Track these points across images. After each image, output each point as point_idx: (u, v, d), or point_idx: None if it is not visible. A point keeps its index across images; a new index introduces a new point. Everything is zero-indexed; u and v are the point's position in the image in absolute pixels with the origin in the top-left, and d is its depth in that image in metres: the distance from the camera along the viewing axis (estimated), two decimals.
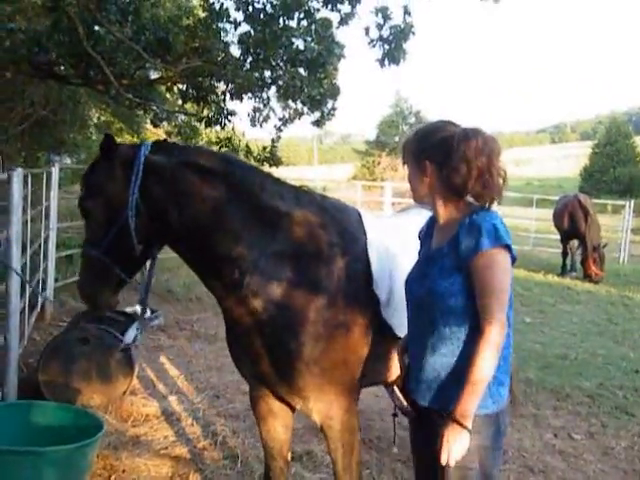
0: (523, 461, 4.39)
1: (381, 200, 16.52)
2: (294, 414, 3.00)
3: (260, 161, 10.79)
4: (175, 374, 5.72)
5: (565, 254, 13.96)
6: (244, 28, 9.35)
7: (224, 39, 9.55)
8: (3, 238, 4.24)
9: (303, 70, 9.79)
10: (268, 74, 9.91)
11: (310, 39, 9.55)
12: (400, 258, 2.85)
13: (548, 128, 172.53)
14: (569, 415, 5.34)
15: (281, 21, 9.07)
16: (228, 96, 10.30)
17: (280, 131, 11.22)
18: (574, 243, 13.81)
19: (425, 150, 2.27)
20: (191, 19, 10.06)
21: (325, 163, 76.27)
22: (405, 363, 2.49)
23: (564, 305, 10.49)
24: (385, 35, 8.47)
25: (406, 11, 8.37)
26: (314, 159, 65.00)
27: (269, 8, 8.94)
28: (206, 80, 10.13)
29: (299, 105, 10.65)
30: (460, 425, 2.09)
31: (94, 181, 2.68)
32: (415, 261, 2.46)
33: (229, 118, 10.80)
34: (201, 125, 12.18)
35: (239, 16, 9.27)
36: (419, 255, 2.48)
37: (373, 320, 2.74)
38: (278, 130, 11.19)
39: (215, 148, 10.69)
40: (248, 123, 11.13)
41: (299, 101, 10.40)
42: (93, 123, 18.55)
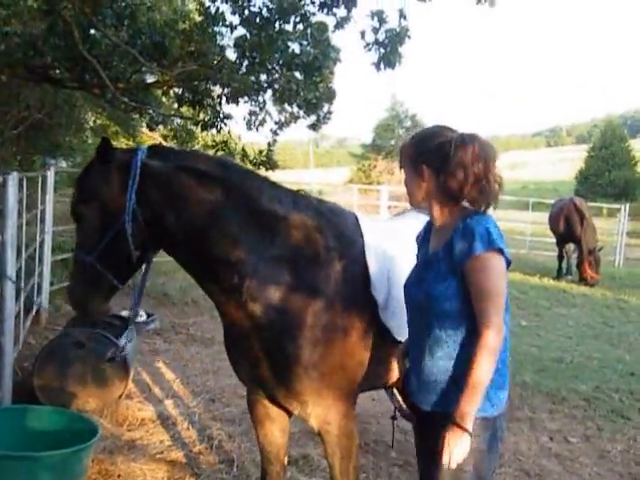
0: (519, 464, 4.40)
1: (377, 204, 16.51)
2: (291, 418, 2.99)
3: (256, 165, 10.78)
4: (171, 378, 5.71)
5: (561, 257, 13.99)
6: (240, 32, 9.36)
7: (220, 43, 9.54)
8: None
9: (299, 74, 9.79)
10: (264, 78, 9.91)
11: (306, 43, 9.55)
12: (398, 261, 2.85)
13: (544, 131, 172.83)
14: (565, 418, 5.34)
15: (277, 25, 9.06)
16: (224, 100, 10.29)
17: (276, 135, 11.24)
18: (570, 246, 13.84)
19: (422, 155, 2.29)
20: (187, 23, 10.04)
21: (321, 167, 76.24)
22: (405, 366, 2.50)
23: (560, 308, 10.51)
24: (381, 39, 8.47)
25: (402, 15, 8.37)
26: (310, 163, 64.96)
27: (265, 12, 8.94)
28: (202, 84, 10.13)
29: (295, 109, 10.67)
30: (460, 428, 2.10)
31: (89, 185, 2.64)
32: (414, 265, 2.48)
33: (225, 122, 10.81)
34: (197, 129, 12.18)
35: (235, 20, 9.29)
36: (417, 259, 2.49)
37: (372, 324, 2.74)
38: (274, 134, 11.20)
39: (211, 152, 10.70)
40: (244, 127, 11.16)
41: (295, 105, 10.41)
42: (89, 127, 18.51)
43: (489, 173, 2.20)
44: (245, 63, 9.47)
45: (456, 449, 2.11)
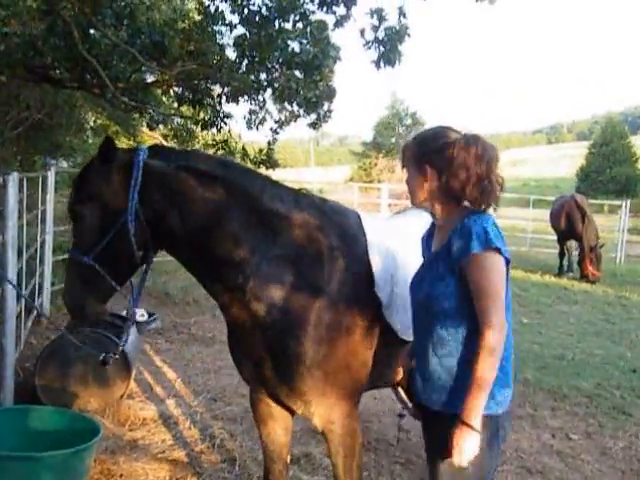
0: (521, 462, 4.40)
1: (378, 202, 16.53)
2: (294, 417, 2.98)
3: (256, 164, 10.79)
4: (172, 377, 5.71)
5: (562, 254, 13.98)
6: (239, 31, 9.36)
7: (219, 42, 9.54)
8: None
9: (299, 72, 9.79)
10: (264, 77, 9.90)
11: (305, 41, 9.54)
12: (401, 259, 2.85)
13: (544, 128, 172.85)
14: (567, 415, 5.34)
15: (276, 23, 9.06)
16: (224, 99, 10.30)
17: (276, 133, 11.23)
18: (571, 243, 13.84)
19: (426, 155, 2.30)
20: (186, 22, 10.04)
21: (322, 165, 76.31)
22: (410, 365, 2.52)
23: (561, 305, 10.51)
24: (380, 37, 8.45)
25: (401, 13, 8.35)
26: (311, 161, 65.00)
27: (264, 11, 8.93)
28: (202, 83, 10.13)
29: (295, 107, 10.66)
30: (468, 427, 2.12)
31: (88, 184, 2.60)
32: (420, 265, 2.49)
33: (225, 121, 10.81)
34: (197, 128, 12.18)
35: (234, 19, 9.29)
36: (423, 259, 2.51)
37: (376, 323, 2.73)
38: (274, 132, 11.20)
39: (211, 151, 10.71)
40: (244, 126, 11.15)
41: (295, 103, 10.40)
42: (89, 127, 18.50)
43: (491, 174, 2.22)
44: (245, 62, 9.47)
45: (466, 447, 2.13)
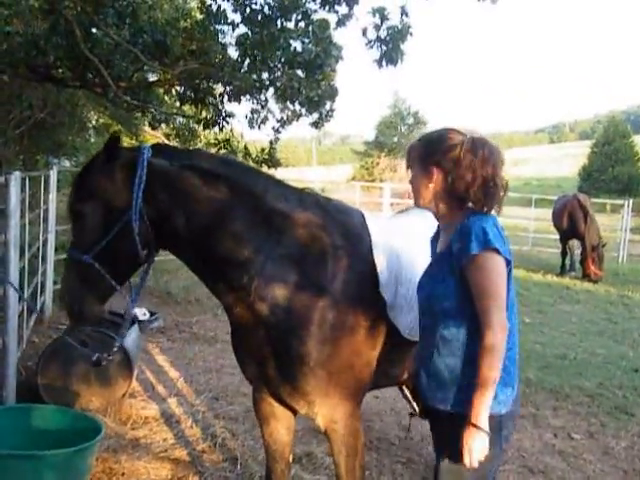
0: (523, 461, 4.40)
1: (380, 201, 16.52)
2: (296, 416, 2.98)
3: (259, 163, 10.78)
4: (174, 376, 5.71)
5: (564, 254, 13.97)
6: (242, 30, 9.34)
7: (222, 41, 9.54)
8: (1, 242, 4.24)
9: (301, 72, 9.78)
10: (266, 76, 9.89)
11: (308, 41, 9.53)
12: (405, 259, 2.85)
13: (547, 128, 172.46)
14: (569, 415, 5.34)
15: (279, 23, 9.05)
16: (226, 98, 10.29)
17: (278, 133, 11.22)
18: (573, 243, 13.83)
19: (432, 156, 2.31)
20: (188, 21, 10.04)
21: (324, 164, 76.21)
22: (416, 365, 2.54)
23: (563, 305, 10.51)
24: (383, 36, 8.44)
25: (403, 12, 8.34)
26: (313, 160, 65.00)
27: (266, 10, 8.93)
28: (204, 82, 10.12)
29: (297, 107, 10.64)
30: (476, 427, 2.13)
31: (91, 183, 2.58)
32: (426, 265, 2.50)
33: (227, 120, 10.80)
34: (199, 127, 12.17)
35: (237, 18, 9.27)
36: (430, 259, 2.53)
37: (380, 322, 2.72)
38: (276, 132, 11.18)
39: (214, 150, 10.70)
40: (246, 125, 11.12)
41: (297, 103, 10.39)
42: (92, 126, 18.51)
43: (496, 176, 2.25)
44: (247, 61, 9.46)
45: (475, 448, 2.14)
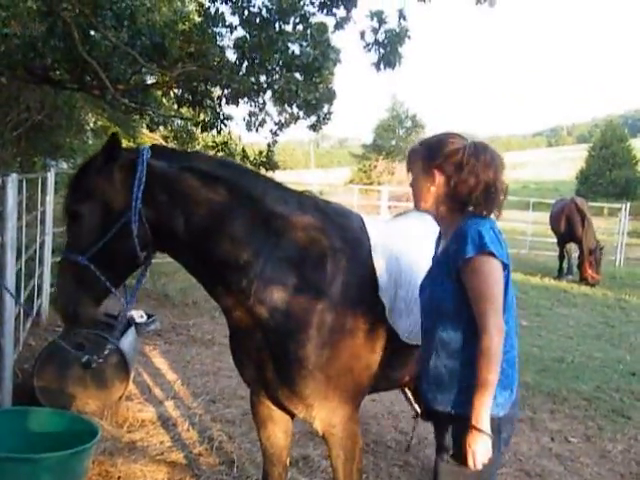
0: (520, 465, 4.39)
1: (378, 204, 16.53)
2: (294, 420, 2.98)
3: (256, 165, 10.77)
4: (171, 379, 5.70)
5: (562, 257, 13.98)
6: (240, 33, 9.36)
7: (220, 44, 9.54)
8: None
9: (299, 75, 9.78)
10: (264, 79, 9.89)
11: (306, 44, 9.54)
12: (404, 262, 2.84)
13: (544, 131, 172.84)
14: (566, 418, 5.34)
15: (277, 26, 9.06)
16: (224, 101, 10.29)
17: (276, 135, 11.22)
18: (571, 246, 13.84)
19: (435, 160, 2.32)
20: (187, 24, 10.03)
21: (322, 167, 76.18)
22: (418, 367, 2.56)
23: (561, 308, 10.51)
24: (380, 39, 8.46)
25: (401, 15, 8.37)
26: (311, 163, 65.00)
27: (265, 12, 8.94)
28: (202, 85, 10.12)
29: (295, 109, 10.64)
30: (477, 430, 2.14)
31: (89, 183, 2.55)
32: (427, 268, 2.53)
33: (225, 123, 10.79)
34: (197, 130, 12.16)
35: (235, 20, 9.29)
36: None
37: (379, 326, 2.72)
38: (274, 134, 11.19)
39: (211, 153, 10.70)
40: (244, 127, 11.12)
41: (295, 105, 10.39)
42: (89, 128, 18.48)
43: (497, 181, 2.28)
44: (245, 64, 9.46)
45: (477, 450, 2.15)
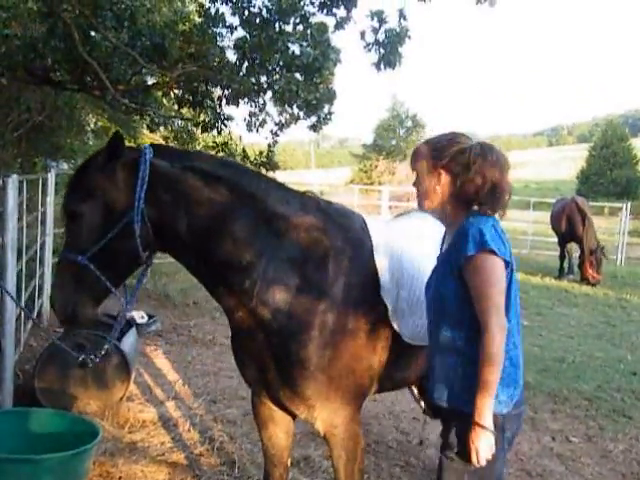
0: (521, 465, 4.39)
1: (378, 204, 16.53)
2: (295, 420, 2.97)
3: (257, 166, 10.77)
4: (172, 379, 5.70)
5: (562, 257, 13.98)
6: (240, 33, 9.37)
7: (220, 44, 9.54)
8: None
9: (299, 75, 9.78)
10: (264, 79, 9.90)
11: (306, 44, 9.54)
12: (406, 263, 2.84)
13: (545, 131, 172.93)
14: (567, 418, 5.34)
15: (277, 26, 9.07)
16: (224, 101, 10.29)
17: (276, 136, 11.22)
18: (572, 246, 13.83)
19: (441, 160, 2.34)
20: (187, 24, 10.04)
21: (322, 167, 76.12)
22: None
23: (562, 308, 10.51)
24: (381, 39, 8.45)
25: (401, 15, 8.36)
26: (311, 163, 64.95)
27: (265, 13, 8.94)
28: (202, 85, 10.12)
29: (295, 110, 10.64)
30: (480, 426, 2.16)
31: (90, 182, 2.52)
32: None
33: (225, 123, 10.80)
34: (198, 130, 12.16)
35: (235, 21, 9.30)
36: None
37: (381, 326, 2.71)
38: (274, 135, 11.19)
39: (212, 153, 10.70)
40: (244, 128, 11.12)
41: (295, 106, 10.39)
42: (90, 129, 18.48)
43: (503, 181, 2.29)
44: (245, 64, 9.47)
45: (480, 447, 2.16)
